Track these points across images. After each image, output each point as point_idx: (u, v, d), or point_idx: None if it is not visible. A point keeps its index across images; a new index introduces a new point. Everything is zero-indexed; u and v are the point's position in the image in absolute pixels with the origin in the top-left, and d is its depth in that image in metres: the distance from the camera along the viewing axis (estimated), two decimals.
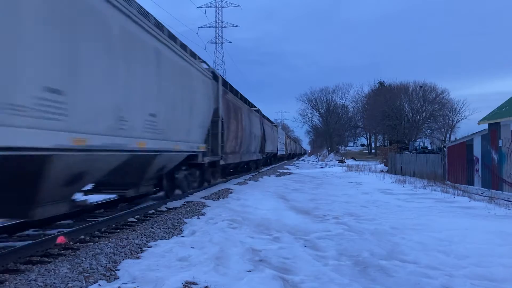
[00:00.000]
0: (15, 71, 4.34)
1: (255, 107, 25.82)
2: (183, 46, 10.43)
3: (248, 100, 23.63)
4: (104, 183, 8.08)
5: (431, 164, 25.28)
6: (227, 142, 15.31)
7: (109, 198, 10.75)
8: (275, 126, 42.29)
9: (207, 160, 12.56)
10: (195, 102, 10.97)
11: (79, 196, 7.03)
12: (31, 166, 4.99)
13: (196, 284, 4.57)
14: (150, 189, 9.69)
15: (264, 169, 30.55)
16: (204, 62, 12.87)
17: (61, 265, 4.85)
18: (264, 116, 31.04)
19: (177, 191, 11.34)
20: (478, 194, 16.33)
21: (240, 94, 21.43)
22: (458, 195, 14.86)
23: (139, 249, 5.93)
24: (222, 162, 14.61)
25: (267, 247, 6.47)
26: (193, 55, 11.49)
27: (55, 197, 5.77)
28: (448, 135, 64.03)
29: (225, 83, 17.33)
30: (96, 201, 9.74)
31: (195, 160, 11.54)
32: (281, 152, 44.42)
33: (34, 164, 4.98)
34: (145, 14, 8.00)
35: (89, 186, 7.80)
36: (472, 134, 21.34)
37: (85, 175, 6.34)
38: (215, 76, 13.65)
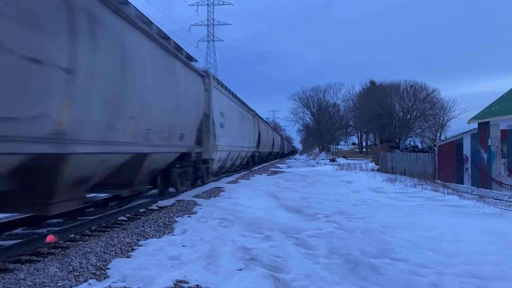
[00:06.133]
0: None
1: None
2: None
3: None
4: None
5: (422, 163, 25.46)
6: None
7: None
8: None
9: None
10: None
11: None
12: None
13: (187, 282, 4.56)
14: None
15: (256, 168, 30.59)
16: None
17: (50, 264, 4.80)
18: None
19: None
20: (468, 193, 16.47)
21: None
22: (448, 193, 14.96)
23: (130, 248, 5.89)
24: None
25: (258, 246, 6.46)
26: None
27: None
28: (438, 134, 64.52)
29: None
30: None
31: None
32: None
33: None
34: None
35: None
36: (462, 133, 21.51)
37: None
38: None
